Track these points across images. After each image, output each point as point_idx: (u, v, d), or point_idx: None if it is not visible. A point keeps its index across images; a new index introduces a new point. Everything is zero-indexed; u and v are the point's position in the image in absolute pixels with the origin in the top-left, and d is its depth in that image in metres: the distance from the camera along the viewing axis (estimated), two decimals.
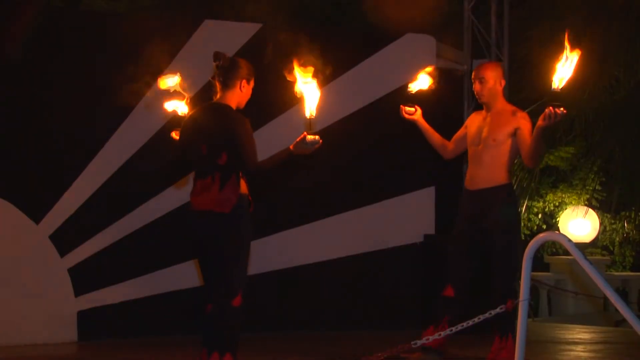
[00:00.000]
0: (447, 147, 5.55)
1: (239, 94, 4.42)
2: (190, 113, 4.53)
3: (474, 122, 5.44)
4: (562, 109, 4.46)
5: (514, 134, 5.19)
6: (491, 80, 5.29)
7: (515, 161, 8.87)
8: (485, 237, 5.23)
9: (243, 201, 4.28)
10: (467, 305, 5.24)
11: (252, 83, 4.48)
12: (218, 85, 4.45)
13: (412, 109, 5.31)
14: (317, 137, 4.18)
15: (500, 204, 5.21)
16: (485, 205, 5.24)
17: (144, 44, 6.76)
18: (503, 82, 5.34)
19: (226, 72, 4.41)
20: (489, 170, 5.25)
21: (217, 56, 4.43)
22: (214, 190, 4.24)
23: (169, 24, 7.26)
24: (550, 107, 4.53)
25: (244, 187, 4.32)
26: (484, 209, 5.24)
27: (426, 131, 5.47)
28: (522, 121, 5.22)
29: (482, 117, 5.38)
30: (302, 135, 4.17)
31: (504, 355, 5.13)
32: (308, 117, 4.18)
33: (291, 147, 4.20)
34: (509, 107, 5.34)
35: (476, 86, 5.34)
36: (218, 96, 4.44)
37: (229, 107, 4.38)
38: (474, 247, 5.29)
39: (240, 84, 4.41)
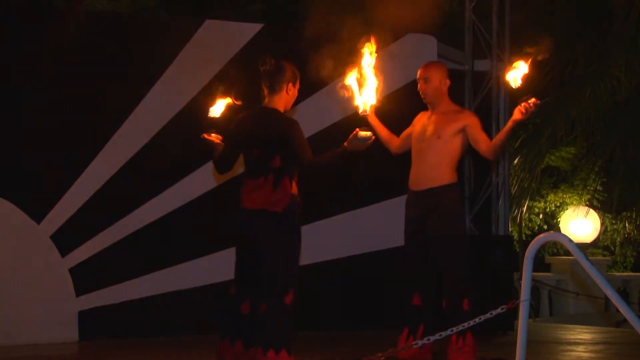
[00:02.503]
0: (394, 142, 5.49)
1: (286, 97, 4.53)
2: (240, 117, 4.61)
3: (419, 121, 5.41)
4: (533, 99, 4.69)
5: (462, 130, 5.18)
6: (435, 80, 5.27)
7: (515, 162, 8.93)
8: (431, 240, 5.21)
9: (294, 201, 4.40)
10: (436, 309, 5.26)
11: (297, 85, 4.59)
12: (265, 90, 4.54)
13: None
14: (369, 133, 4.30)
15: (444, 205, 5.18)
16: (430, 207, 5.20)
17: (146, 44, 6.79)
18: (447, 82, 5.32)
19: (272, 76, 4.51)
20: (432, 169, 5.21)
21: (263, 61, 4.51)
22: (266, 190, 4.36)
23: (170, 24, 7.27)
24: (524, 102, 4.69)
25: (294, 188, 4.40)
26: (428, 211, 5.21)
27: (375, 126, 5.35)
28: (470, 118, 5.24)
29: (427, 117, 5.36)
30: (354, 132, 4.30)
31: (462, 358, 5.10)
32: (361, 113, 4.36)
33: (345, 143, 4.35)
34: (455, 107, 5.35)
35: (421, 86, 5.32)
36: (266, 100, 4.53)
37: (279, 112, 4.49)
38: (426, 250, 5.26)
39: (287, 87, 4.51)
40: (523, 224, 12.82)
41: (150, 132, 6.81)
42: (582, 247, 8.74)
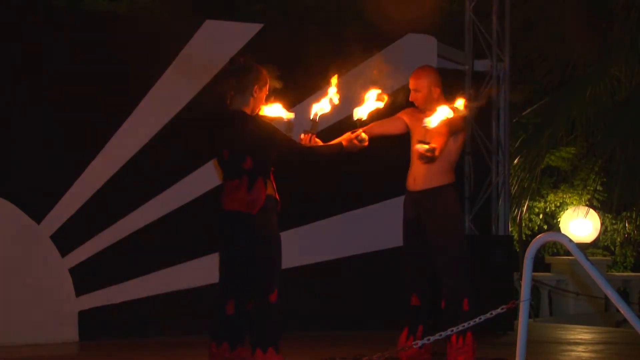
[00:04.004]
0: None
1: (251, 100, 4.38)
2: (207, 121, 4.59)
3: (417, 119, 5.28)
4: (430, 147, 4.72)
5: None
6: (424, 89, 5.21)
7: (515, 162, 8.93)
8: (429, 240, 5.20)
9: (270, 202, 4.37)
10: (433, 310, 5.25)
11: (265, 90, 4.43)
12: (231, 91, 4.42)
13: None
14: (366, 136, 4.46)
15: (441, 205, 5.16)
16: (426, 208, 5.19)
17: (146, 44, 6.79)
18: (438, 90, 5.22)
19: (239, 76, 4.40)
20: (430, 170, 5.17)
21: (233, 60, 4.47)
22: (241, 192, 4.32)
23: (170, 25, 7.26)
24: (422, 150, 4.71)
25: (270, 188, 4.40)
26: (425, 211, 5.20)
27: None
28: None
29: (425, 117, 5.30)
30: (356, 133, 4.44)
31: (462, 358, 5.06)
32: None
33: (344, 142, 4.48)
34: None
35: (411, 96, 5.27)
36: (229, 101, 4.43)
37: (243, 113, 4.36)
38: (423, 251, 5.25)
39: (252, 89, 4.37)
40: (523, 224, 12.82)
41: (150, 132, 6.81)
42: (582, 247, 8.74)
